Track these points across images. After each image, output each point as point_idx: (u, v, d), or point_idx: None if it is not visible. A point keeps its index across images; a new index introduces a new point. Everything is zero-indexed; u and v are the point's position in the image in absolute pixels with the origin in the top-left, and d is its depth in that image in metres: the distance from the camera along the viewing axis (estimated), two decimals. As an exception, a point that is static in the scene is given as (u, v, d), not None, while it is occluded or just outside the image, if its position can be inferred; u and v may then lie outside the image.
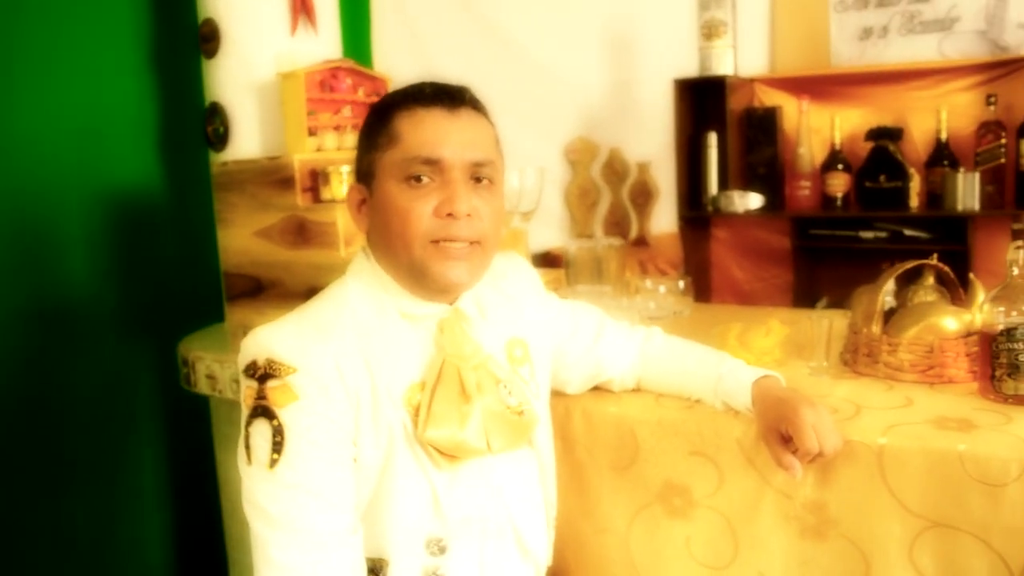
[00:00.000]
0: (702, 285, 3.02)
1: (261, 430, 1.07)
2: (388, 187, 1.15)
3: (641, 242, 3.30)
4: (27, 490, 2.18)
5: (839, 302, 2.78)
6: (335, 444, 1.08)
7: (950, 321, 1.45)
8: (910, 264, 1.53)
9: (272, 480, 1.05)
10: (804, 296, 2.84)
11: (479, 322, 1.24)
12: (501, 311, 1.29)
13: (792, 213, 2.77)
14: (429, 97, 1.16)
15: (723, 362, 1.36)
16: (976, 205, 2.46)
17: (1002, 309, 1.32)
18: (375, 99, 2.16)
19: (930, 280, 1.57)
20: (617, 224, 3.35)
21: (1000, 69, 2.55)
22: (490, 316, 1.26)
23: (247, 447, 1.08)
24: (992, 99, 2.48)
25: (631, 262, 3.07)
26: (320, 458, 1.07)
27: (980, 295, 1.48)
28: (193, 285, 2.41)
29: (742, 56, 2.90)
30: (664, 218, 3.18)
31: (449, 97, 1.16)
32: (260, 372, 1.08)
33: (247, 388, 1.10)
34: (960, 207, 2.48)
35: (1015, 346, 1.29)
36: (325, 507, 1.06)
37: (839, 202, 2.70)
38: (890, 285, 1.88)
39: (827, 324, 1.52)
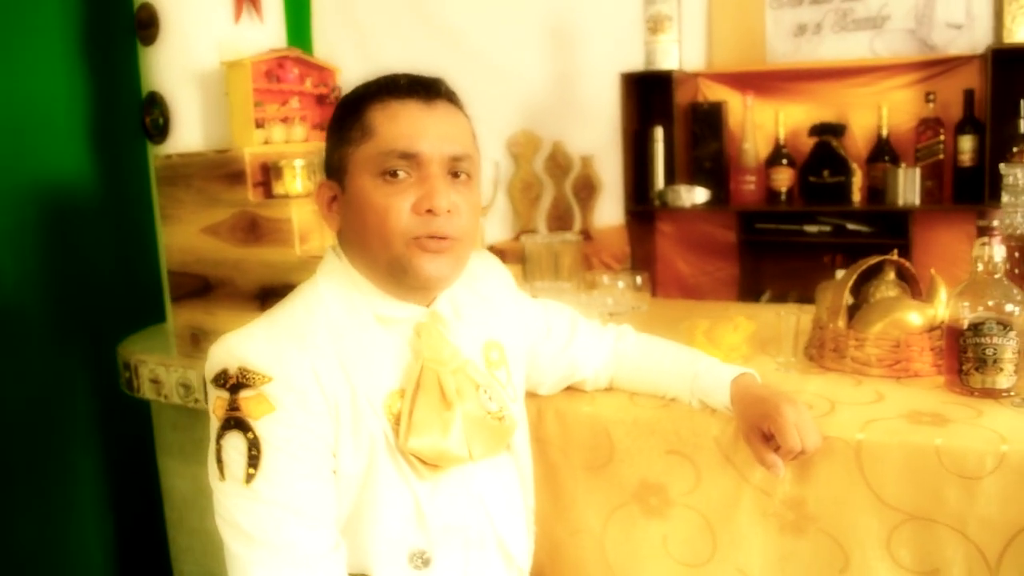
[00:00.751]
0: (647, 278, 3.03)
1: (235, 443, 1.00)
2: (362, 183, 1.09)
3: (584, 236, 3.29)
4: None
5: (782, 295, 2.85)
6: (314, 456, 1.03)
7: (914, 316, 1.47)
8: (873, 260, 1.55)
9: (249, 496, 0.99)
10: (748, 290, 2.87)
11: (455, 324, 1.20)
12: (476, 312, 1.24)
13: (737, 207, 2.80)
14: (404, 89, 1.11)
15: (698, 360, 1.35)
16: (916, 200, 2.52)
17: (967, 304, 1.34)
18: (323, 90, 2.11)
19: (890, 275, 1.59)
20: (560, 218, 3.33)
21: (938, 67, 2.61)
22: (466, 318, 1.22)
23: (219, 461, 1.02)
24: (931, 96, 2.54)
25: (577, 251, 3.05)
26: (299, 472, 1.01)
27: (941, 290, 1.50)
28: (130, 284, 2.29)
29: (683, 51, 2.91)
30: (608, 212, 3.18)
31: (425, 89, 1.12)
32: (232, 382, 1.01)
33: (217, 399, 1.03)
34: (901, 202, 2.54)
35: (982, 340, 1.31)
36: (306, 523, 1.01)
37: (783, 197, 2.74)
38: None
39: (795, 320, 1.53)
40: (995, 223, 1.35)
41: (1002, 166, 1.67)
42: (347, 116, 1.12)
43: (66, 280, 2.21)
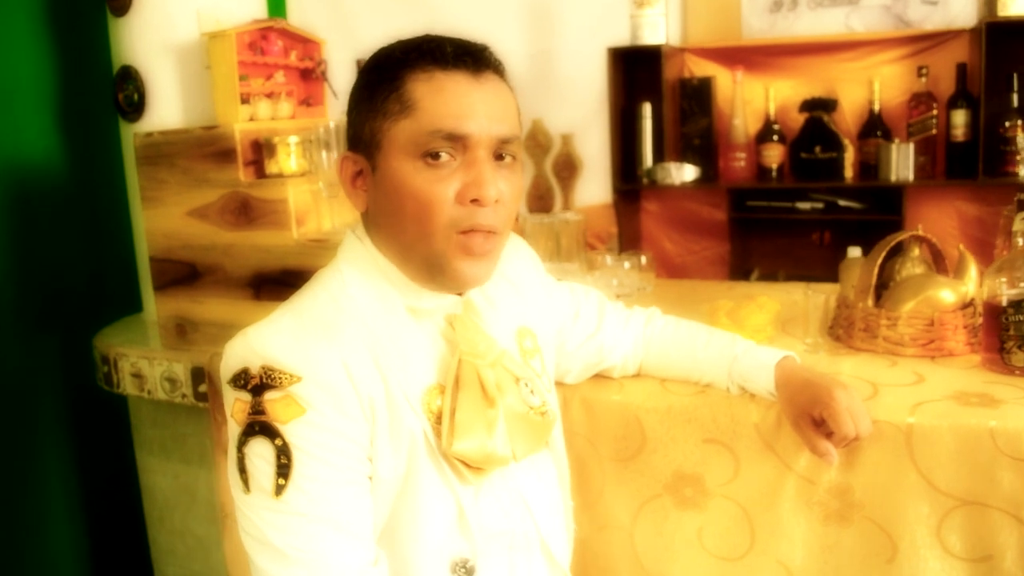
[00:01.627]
0: (631, 257, 2.98)
1: (261, 451, 0.90)
2: (399, 163, 0.98)
3: (567, 216, 3.22)
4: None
5: (772, 274, 2.81)
6: (350, 462, 0.93)
7: (947, 293, 1.43)
8: (901, 236, 1.51)
9: (280, 509, 0.89)
10: (737, 268, 2.83)
11: (488, 312, 1.11)
12: (507, 298, 1.16)
13: (728, 184, 2.75)
14: (450, 58, 0.98)
15: (735, 343, 1.29)
16: (910, 175, 2.49)
17: (1004, 280, 1.30)
18: (308, 64, 1.99)
19: (916, 252, 1.54)
20: (541, 198, 3.24)
21: (928, 41, 2.58)
22: (497, 305, 1.13)
23: (243, 471, 0.91)
24: (924, 71, 2.51)
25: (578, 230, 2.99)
26: (334, 480, 0.91)
27: (971, 267, 1.46)
28: (102, 272, 2.15)
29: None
30: (590, 191, 3.10)
31: (473, 59, 0.99)
32: (255, 382, 0.91)
33: (237, 402, 0.92)
34: (894, 177, 2.51)
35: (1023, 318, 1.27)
36: (344, 537, 0.91)
37: (774, 173, 2.69)
38: (857, 254, 1.87)
39: (823, 299, 1.47)
40: (1035, 197, 1.31)
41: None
42: (381, 83, 1.00)
43: (32, 268, 2.06)
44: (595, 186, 3.03)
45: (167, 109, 1.87)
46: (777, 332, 1.56)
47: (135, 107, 1.87)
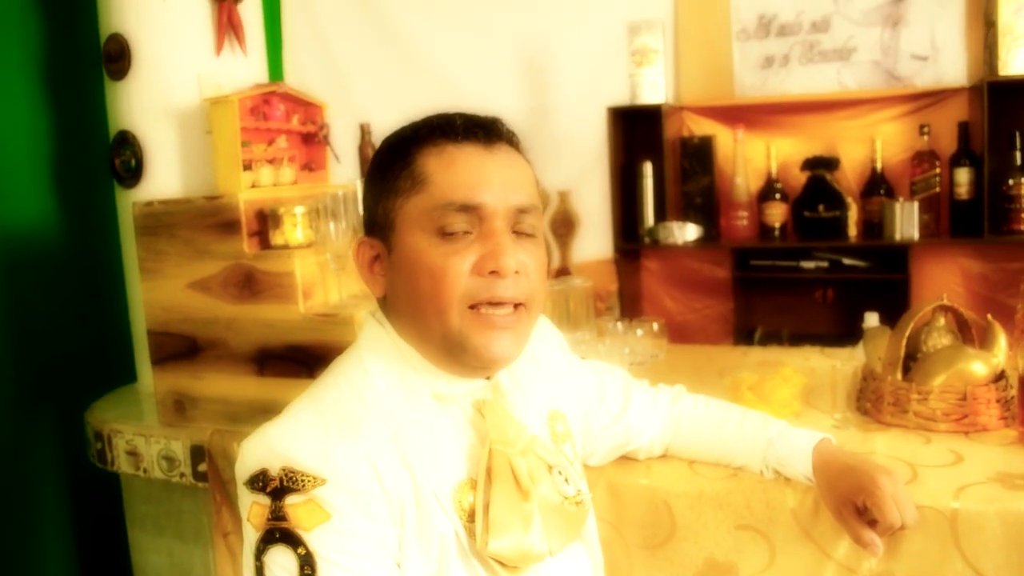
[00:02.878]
0: (633, 317, 2.93)
1: (283, 561, 0.84)
2: (414, 240, 0.94)
3: (564, 273, 3.18)
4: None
5: (775, 333, 2.78)
6: (379, 569, 0.87)
7: (979, 366, 1.39)
8: (929, 307, 1.47)
9: None
10: (741, 327, 2.79)
11: (517, 396, 1.05)
12: (535, 381, 1.10)
13: (731, 243, 2.72)
14: (460, 130, 0.97)
15: (769, 425, 1.24)
16: (915, 234, 2.47)
17: (1040, 353, 1.26)
18: (311, 128, 1.95)
19: (941, 322, 1.50)
20: (539, 255, 3.22)
21: (927, 99, 2.59)
22: (525, 388, 1.08)
23: None
24: (926, 129, 2.51)
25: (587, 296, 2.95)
26: None
27: (1000, 337, 1.43)
28: (97, 341, 2.08)
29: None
30: (588, 248, 3.08)
31: (484, 131, 0.98)
32: (274, 484, 0.85)
33: (255, 505, 0.86)
34: (899, 236, 2.49)
35: (1062, 393, 1.23)
36: (371, 651, 0.84)
37: (777, 232, 2.67)
38: (873, 321, 1.84)
39: (851, 371, 1.43)
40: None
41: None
42: (394, 162, 0.98)
43: (26, 337, 2.00)
44: (593, 243, 3.01)
45: (165, 175, 1.82)
46: (803, 406, 1.51)
47: (132, 173, 1.82)
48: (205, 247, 1.59)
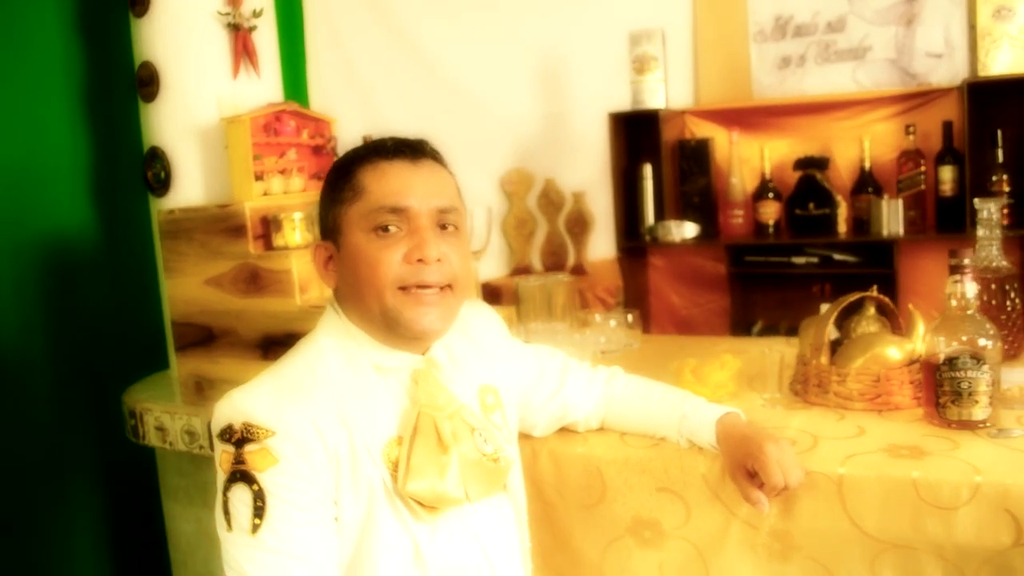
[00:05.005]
0: (640, 313, 3.08)
1: (241, 495, 1.06)
2: (356, 239, 1.16)
3: (579, 270, 3.34)
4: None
5: (774, 326, 2.90)
6: (316, 505, 1.08)
7: (894, 351, 1.52)
8: (853, 297, 1.61)
9: (255, 545, 1.04)
10: (739, 321, 2.92)
11: (451, 370, 1.25)
12: (471, 358, 1.30)
13: (726, 241, 2.86)
14: (391, 150, 1.18)
15: (686, 401, 1.40)
16: (900, 230, 2.58)
17: (943, 339, 1.39)
18: (319, 141, 2.18)
19: (871, 310, 1.64)
20: (554, 253, 3.38)
21: (917, 99, 2.69)
22: (461, 364, 1.28)
23: (226, 513, 1.07)
24: (911, 129, 2.61)
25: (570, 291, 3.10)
26: (302, 521, 1.06)
27: (919, 324, 1.56)
28: (133, 334, 2.35)
29: (670, 89, 2.99)
30: (601, 246, 3.23)
31: (411, 149, 1.19)
32: (237, 436, 1.07)
33: (224, 453, 1.08)
34: (885, 232, 2.60)
35: (957, 374, 1.36)
36: (310, 569, 1.05)
37: (771, 229, 2.80)
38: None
39: (779, 356, 1.58)
40: (966, 260, 1.41)
41: (976, 201, 1.74)
42: (338, 179, 1.20)
43: (71, 331, 2.27)
44: (607, 242, 3.16)
45: (190, 186, 2.07)
46: (741, 388, 1.66)
47: (162, 184, 2.07)
48: (218, 248, 1.83)
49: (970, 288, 1.40)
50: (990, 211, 1.72)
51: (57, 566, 2.29)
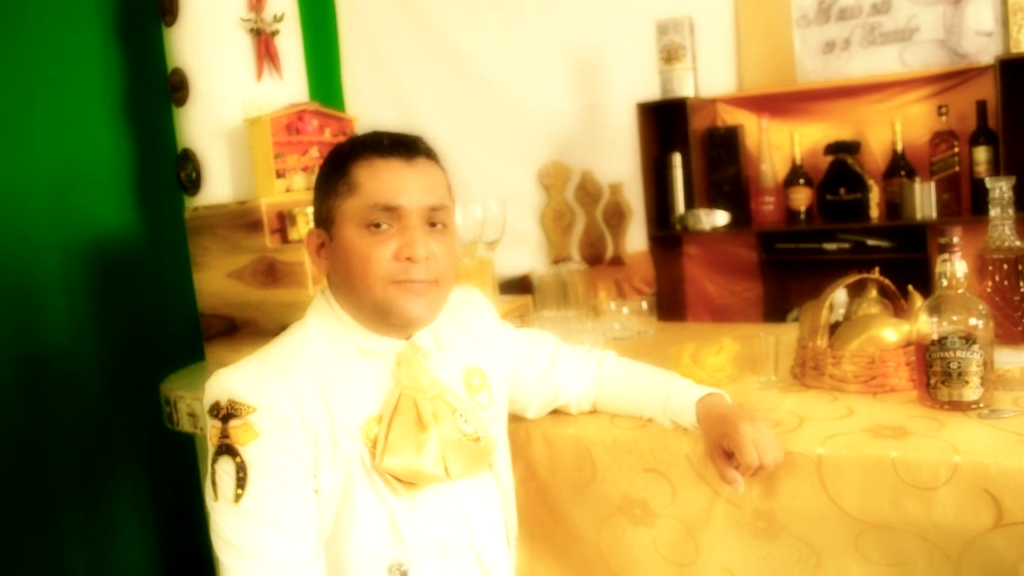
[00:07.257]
0: (676, 302, 3.09)
1: (226, 467, 1.13)
2: (348, 233, 1.21)
3: (617, 261, 3.37)
4: (15, 530, 2.24)
5: (809, 312, 2.87)
6: (295, 477, 1.14)
7: (890, 332, 1.52)
8: (851, 279, 1.60)
9: (237, 514, 1.11)
10: (774, 308, 2.90)
11: (436, 355, 1.30)
12: (459, 343, 1.35)
13: (758, 228, 2.84)
14: (387, 148, 1.22)
15: (671, 382, 1.43)
16: (933, 213, 2.53)
17: (935, 319, 1.38)
18: (342, 139, 2.25)
19: (873, 293, 1.63)
20: (592, 245, 3.41)
21: (951, 80, 2.62)
22: (449, 348, 1.33)
23: (213, 484, 1.14)
24: (943, 110, 2.55)
25: (607, 282, 3.13)
26: (281, 491, 1.13)
27: (919, 306, 1.54)
28: (173, 326, 2.47)
29: (711, 77, 2.98)
30: (638, 237, 3.25)
31: (406, 147, 1.23)
32: (223, 412, 1.14)
33: (212, 428, 1.16)
34: (919, 216, 2.55)
35: (947, 354, 1.35)
36: (289, 537, 1.12)
37: (802, 215, 2.78)
38: (841, 298, 1.96)
39: (774, 340, 1.58)
40: (955, 239, 1.39)
41: (988, 180, 1.70)
42: (333, 171, 1.24)
43: (116, 325, 2.40)
44: (644, 232, 3.18)
45: (219, 185, 2.16)
46: (741, 371, 1.67)
47: (194, 184, 2.18)
48: (238, 243, 1.92)
49: (960, 267, 1.38)
50: (1002, 190, 1.68)
51: (107, 540, 2.43)
